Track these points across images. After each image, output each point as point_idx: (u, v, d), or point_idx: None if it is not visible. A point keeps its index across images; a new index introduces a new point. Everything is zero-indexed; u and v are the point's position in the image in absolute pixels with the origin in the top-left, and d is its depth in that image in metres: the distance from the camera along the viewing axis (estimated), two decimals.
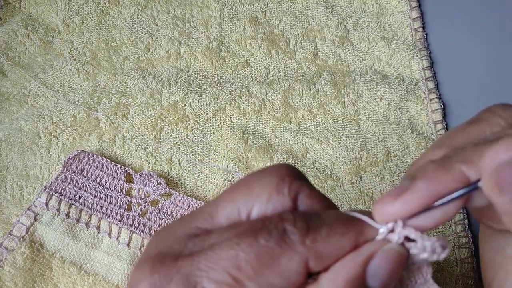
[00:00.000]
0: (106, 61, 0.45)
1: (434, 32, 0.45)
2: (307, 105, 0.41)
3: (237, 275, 0.17)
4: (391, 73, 0.42)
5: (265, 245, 0.17)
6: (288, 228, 0.17)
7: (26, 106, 0.43)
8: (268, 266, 0.17)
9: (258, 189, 0.19)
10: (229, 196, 0.19)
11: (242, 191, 0.19)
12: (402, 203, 0.18)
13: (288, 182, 0.19)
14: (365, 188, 0.38)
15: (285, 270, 0.17)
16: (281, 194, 0.18)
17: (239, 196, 0.19)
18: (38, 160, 0.40)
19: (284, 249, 0.17)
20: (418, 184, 0.18)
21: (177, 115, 0.41)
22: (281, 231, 0.17)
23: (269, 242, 0.17)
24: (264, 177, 0.19)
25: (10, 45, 0.46)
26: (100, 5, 0.47)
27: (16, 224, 0.35)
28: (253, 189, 0.19)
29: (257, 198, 0.18)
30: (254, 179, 0.19)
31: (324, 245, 0.17)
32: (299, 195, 0.19)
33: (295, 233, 0.17)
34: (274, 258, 0.17)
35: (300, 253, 0.17)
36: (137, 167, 0.39)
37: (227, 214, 0.19)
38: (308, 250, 0.17)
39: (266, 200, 0.18)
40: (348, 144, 0.39)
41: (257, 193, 0.18)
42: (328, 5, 0.46)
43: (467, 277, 0.34)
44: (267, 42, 0.44)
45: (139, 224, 0.36)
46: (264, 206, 0.18)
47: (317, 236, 0.17)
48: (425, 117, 0.40)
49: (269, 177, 0.19)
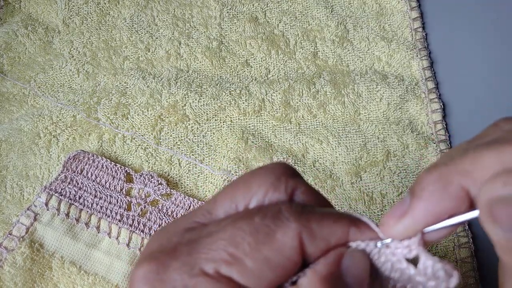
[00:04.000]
0: (106, 61, 0.45)
1: (434, 32, 0.45)
2: (307, 105, 0.41)
3: (234, 251, 0.17)
4: (391, 73, 0.42)
5: (260, 222, 0.17)
6: (283, 208, 0.18)
7: (26, 106, 0.43)
8: (263, 242, 0.17)
9: (256, 186, 0.19)
10: (227, 193, 0.20)
11: (240, 188, 0.19)
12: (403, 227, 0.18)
13: (285, 179, 0.19)
14: (365, 188, 0.38)
15: (281, 245, 0.17)
16: (278, 191, 0.19)
17: (236, 193, 0.19)
18: (38, 160, 0.40)
19: (278, 225, 0.17)
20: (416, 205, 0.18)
21: (177, 115, 0.41)
22: (275, 210, 0.18)
23: (264, 220, 0.17)
24: (261, 174, 0.19)
25: (10, 45, 0.46)
26: (100, 5, 0.47)
27: (16, 224, 0.35)
28: (250, 186, 0.19)
29: (254, 194, 0.19)
30: (251, 177, 0.19)
31: (317, 225, 0.18)
32: (295, 191, 0.19)
33: (289, 212, 0.18)
34: (269, 234, 0.17)
35: (294, 228, 0.17)
36: (137, 167, 0.39)
37: (225, 209, 0.19)
38: (301, 226, 0.17)
39: (263, 196, 0.19)
40: (348, 144, 0.39)
41: (255, 190, 0.19)
42: (328, 5, 0.46)
43: (467, 277, 0.34)
44: (267, 42, 0.44)
45: (138, 224, 0.36)
46: (261, 201, 0.19)
47: (310, 216, 0.18)
48: (425, 117, 0.40)
49: (266, 175, 0.19)
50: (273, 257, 0.17)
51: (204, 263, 0.17)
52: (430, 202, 0.17)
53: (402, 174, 0.38)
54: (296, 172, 0.20)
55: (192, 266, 0.17)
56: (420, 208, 0.18)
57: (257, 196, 0.19)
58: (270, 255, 0.17)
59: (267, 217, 0.18)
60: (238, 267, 0.17)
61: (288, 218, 0.18)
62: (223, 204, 0.19)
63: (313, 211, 0.18)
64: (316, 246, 0.18)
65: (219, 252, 0.17)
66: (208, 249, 0.17)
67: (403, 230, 0.18)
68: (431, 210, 0.17)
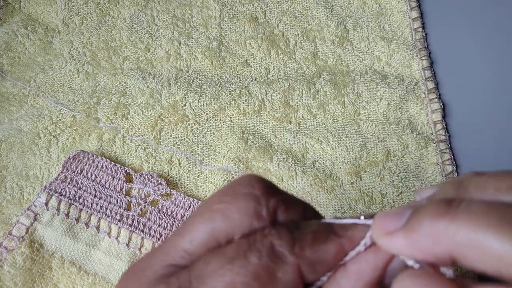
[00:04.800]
0: (106, 61, 0.45)
1: (434, 32, 0.45)
2: (307, 105, 0.41)
3: None
4: (391, 73, 0.42)
5: (258, 263, 0.16)
6: (274, 242, 0.17)
7: (26, 106, 0.43)
8: (266, 284, 0.16)
9: (237, 217, 0.18)
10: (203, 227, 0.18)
11: (218, 221, 0.18)
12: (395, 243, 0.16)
13: (265, 203, 0.18)
14: (365, 188, 0.38)
15: (283, 284, 0.16)
16: (262, 219, 0.18)
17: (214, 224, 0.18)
18: (38, 160, 0.40)
19: (277, 263, 0.17)
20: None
21: (177, 115, 0.41)
22: (268, 246, 0.17)
23: (262, 260, 0.17)
24: (238, 200, 0.18)
25: (10, 45, 0.46)
26: (100, 5, 0.47)
27: (16, 224, 0.35)
28: (230, 216, 0.18)
29: (238, 227, 0.18)
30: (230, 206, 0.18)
31: (311, 251, 0.17)
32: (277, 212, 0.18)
33: (282, 245, 0.17)
34: (270, 274, 0.16)
35: (293, 263, 0.17)
36: (137, 167, 0.39)
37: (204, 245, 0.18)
38: (298, 259, 0.17)
39: (248, 227, 0.18)
40: (348, 144, 0.39)
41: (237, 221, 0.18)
42: (328, 5, 0.46)
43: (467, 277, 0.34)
44: (267, 42, 0.44)
45: (138, 224, 0.36)
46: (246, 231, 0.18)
47: (303, 244, 0.17)
48: (425, 117, 0.40)
49: (244, 201, 0.18)
50: None
51: None
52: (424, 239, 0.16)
53: (402, 174, 0.38)
54: (273, 187, 0.19)
55: None
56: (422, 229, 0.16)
57: (242, 229, 0.18)
58: None
59: (262, 255, 0.17)
60: None
61: (284, 253, 0.17)
62: (201, 241, 0.18)
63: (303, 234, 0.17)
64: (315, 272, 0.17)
65: None
66: None
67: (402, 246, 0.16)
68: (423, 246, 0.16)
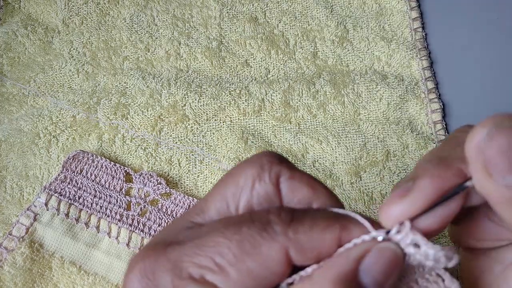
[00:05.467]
0: (106, 61, 0.45)
1: (433, 32, 0.45)
2: (306, 105, 0.41)
3: (220, 260, 0.17)
4: (391, 73, 0.42)
5: (247, 233, 0.17)
6: (272, 218, 0.18)
7: (25, 106, 0.43)
8: (248, 254, 0.17)
9: (242, 180, 0.19)
10: (217, 190, 0.20)
11: (228, 184, 0.20)
12: (408, 203, 0.18)
13: (268, 168, 0.19)
14: (364, 188, 0.38)
15: (265, 259, 0.17)
16: (263, 181, 0.19)
17: (226, 189, 0.20)
18: (38, 160, 0.40)
19: (265, 238, 0.17)
20: (422, 183, 0.18)
21: (177, 115, 0.41)
22: (264, 221, 0.18)
23: (251, 231, 0.17)
24: (246, 167, 0.20)
25: (10, 45, 0.46)
26: (99, 5, 0.47)
27: (16, 224, 0.35)
28: (238, 180, 0.19)
29: (242, 189, 0.19)
30: (237, 171, 0.20)
31: (306, 236, 0.17)
32: (280, 178, 0.19)
33: (277, 223, 0.18)
34: (254, 246, 0.17)
35: (281, 243, 0.17)
36: (137, 167, 0.39)
37: (216, 208, 0.20)
38: (288, 241, 0.17)
39: (249, 189, 0.19)
40: (348, 144, 0.39)
41: (242, 184, 0.19)
42: (328, 5, 0.46)
43: None
44: (267, 42, 0.44)
45: (138, 224, 0.36)
46: (249, 195, 0.19)
47: (299, 227, 0.18)
48: (425, 117, 0.40)
49: (250, 167, 0.19)
50: (256, 270, 0.17)
51: (191, 267, 0.17)
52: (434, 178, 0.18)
53: (402, 174, 0.38)
54: (282, 158, 0.20)
55: (180, 269, 0.18)
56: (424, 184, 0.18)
57: (245, 191, 0.19)
58: (253, 267, 0.17)
59: (254, 227, 0.18)
60: (222, 277, 0.17)
61: (275, 230, 0.17)
62: (214, 202, 0.20)
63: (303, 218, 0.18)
64: (304, 257, 0.18)
65: (206, 259, 0.17)
66: (196, 253, 0.18)
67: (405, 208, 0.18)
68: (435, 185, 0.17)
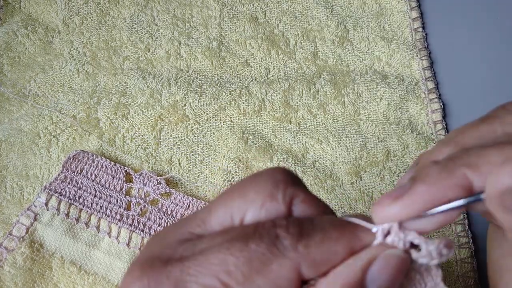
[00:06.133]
0: (106, 61, 0.45)
1: (434, 32, 0.45)
2: (307, 105, 0.41)
3: (226, 280, 0.16)
4: (391, 73, 0.42)
5: (256, 250, 0.17)
6: (280, 233, 0.17)
7: (26, 106, 0.43)
8: (258, 272, 0.16)
9: (252, 195, 0.18)
10: (222, 201, 0.19)
11: (235, 196, 0.18)
12: (400, 206, 0.17)
13: (283, 188, 0.18)
14: (365, 188, 0.38)
15: (276, 277, 0.16)
16: (275, 201, 0.18)
17: (232, 202, 0.18)
18: (38, 160, 0.40)
19: (275, 255, 0.16)
20: (418, 188, 0.17)
21: (177, 115, 0.41)
22: (273, 236, 0.17)
23: (260, 247, 0.17)
24: (258, 182, 0.18)
25: (10, 45, 0.46)
26: (100, 5, 0.47)
27: (16, 224, 0.35)
28: (247, 194, 0.18)
29: (250, 204, 0.18)
30: (248, 184, 0.18)
31: (317, 250, 0.17)
32: (293, 200, 0.18)
33: (287, 239, 0.17)
34: (264, 263, 0.16)
35: (292, 260, 0.16)
36: (137, 167, 0.39)
37: (219, 219, 0.18)
38: (300, 256, 0.17)
39: (259, 206, 0.18)
40: (348, 144, 0.39)
41: (251, 199, 0.18)
42: (328, 5, 0.46)
43: (467, 277, 0.34)
44: (267, 42, 0.44)
45: (138, 224, 0.36)
46: (257, 212, 0.18)
47: (310, 242, 0.17)
48: (425, 117, 0.40)
49: (263, 183, 0.18)
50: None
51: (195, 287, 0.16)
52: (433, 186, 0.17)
53: (402, 174, 0.38)
54: (296, 178, 0.19)
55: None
56: (422, 190, 0.17)
57: (253, 207, 0.18)
58: (263, 286, 0.16)
59: (263, 243, 0.17)
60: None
61: (286, 247, 0.17)
62: (218, 214, 0.18)
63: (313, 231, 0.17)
64: (317, 271, 0.17)
65: (211, 278, 0.16)
66: (199, 272, 0.17)
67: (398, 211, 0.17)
68: (432, 194, 0.17)
